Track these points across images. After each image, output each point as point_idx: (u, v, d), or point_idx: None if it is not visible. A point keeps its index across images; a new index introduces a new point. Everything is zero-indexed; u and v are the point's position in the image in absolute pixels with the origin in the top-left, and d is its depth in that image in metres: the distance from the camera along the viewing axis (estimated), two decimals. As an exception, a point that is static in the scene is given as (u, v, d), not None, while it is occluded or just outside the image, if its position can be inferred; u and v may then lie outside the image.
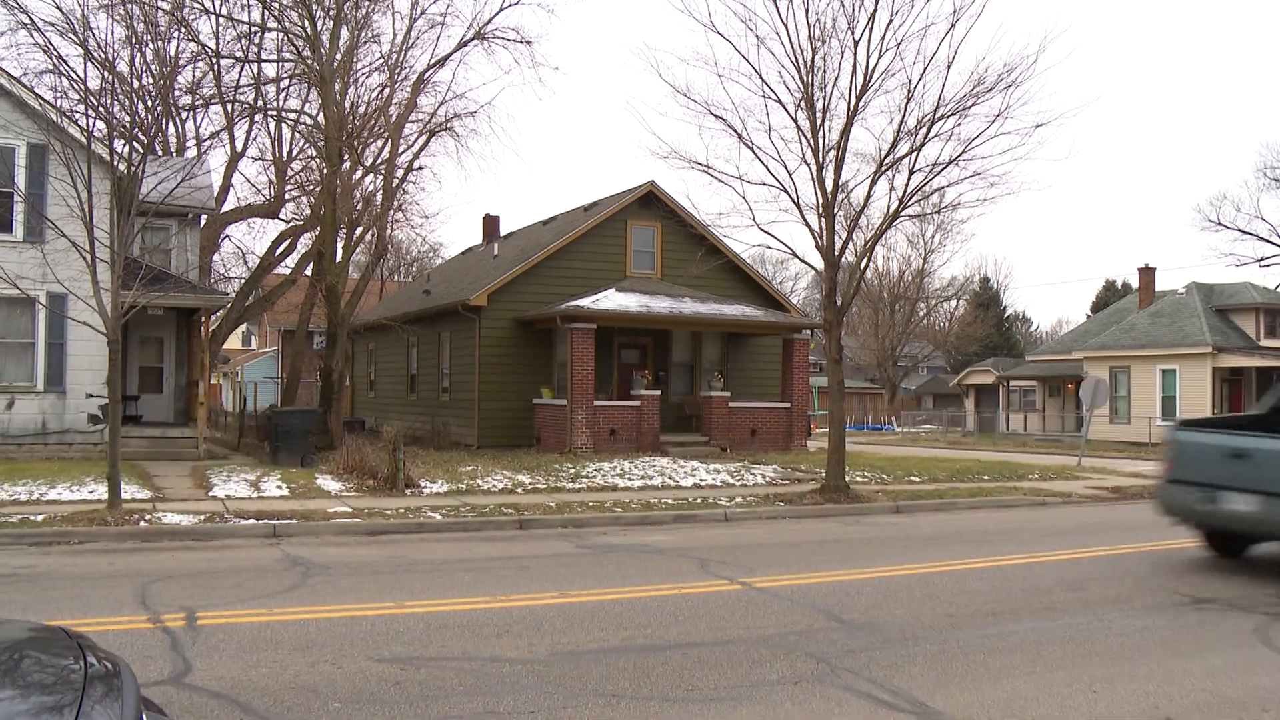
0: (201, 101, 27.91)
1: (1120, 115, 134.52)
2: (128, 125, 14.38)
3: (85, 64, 13.52)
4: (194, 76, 27.49)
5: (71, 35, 15.01)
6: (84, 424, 19.73)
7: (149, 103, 20.48)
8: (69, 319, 17.27)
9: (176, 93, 25.47)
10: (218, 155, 78.61)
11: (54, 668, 2.60)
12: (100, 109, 13.62)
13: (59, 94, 16.97)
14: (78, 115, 15.33)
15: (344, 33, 24.26)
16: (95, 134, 13.52)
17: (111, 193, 13.49)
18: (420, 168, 26.52)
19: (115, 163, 13.84)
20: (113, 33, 23.43)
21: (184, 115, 28.95)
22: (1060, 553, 11.34)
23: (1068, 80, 79.03)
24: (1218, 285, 41.21)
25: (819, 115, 16.49)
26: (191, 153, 28.75)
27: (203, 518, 12.31)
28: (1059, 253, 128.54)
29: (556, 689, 5.79)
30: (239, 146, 28.50)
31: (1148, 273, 42.20)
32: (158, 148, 26.59)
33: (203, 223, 24.89)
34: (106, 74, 13.66)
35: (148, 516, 12.12)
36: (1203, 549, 11.31)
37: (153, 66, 22.76)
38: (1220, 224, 39.65)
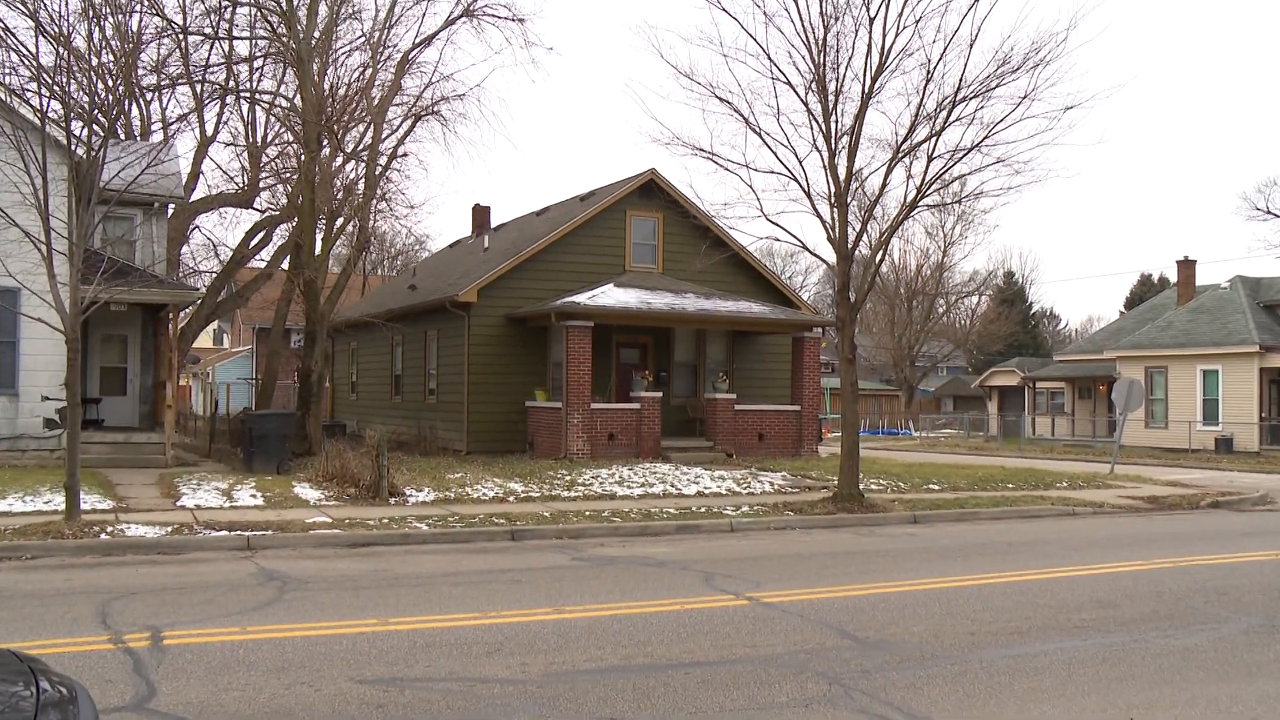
0: (168, 81, 27.87)
1: (1158, 96, 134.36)
2: (86, 106, 14.27)
3: (37, 38, 13.46)
4: (159, 54, 27.45)
5: (20, 6, 14.91)
6: (39, 429, 19.68)
7: (109, 82, 20.34)
8: (22, 315, 17.20)
9: (140, 71, 25.40)
10: (186, 140, 78.46)
11: (1, 695, 2.56)
12: (55, 88, 13.54)
13: (7, 70, 16.87)
14: (30, 94, 15.27)
15: (322, 8, 24.24)
16: (50, 115, 13.46)
17: (69, 179, 13.42)
18: (405, 154, 26.53)
19: (73, 146, 13.77)
20: (67, 4, 23.41)
21: (148, 96, 28.90)
22: (1091, 567, 11.33)
23: (1101, 59, 79.02)
24: (1265, 279, 40.97)
25: (831, 98, 16.47)
26: (157, 137, 28.70)
27: (170, 529, 12.29)
28: (1090, 245, 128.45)
29: (551, 711, 5.77)
30: (209, 130, 28.52)
31: (1187, 266, 42.10)
32: (120, 131, 26.50)
33: (170, 212, 24.86)
34: (61, 49, 13.58)
35: (109, 528, 12.09)
36: (1249, 563, 11.30)
37: (113, 42, 22.64)
38: (1269, 212, 39.55)
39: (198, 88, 27.58)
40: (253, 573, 10.21)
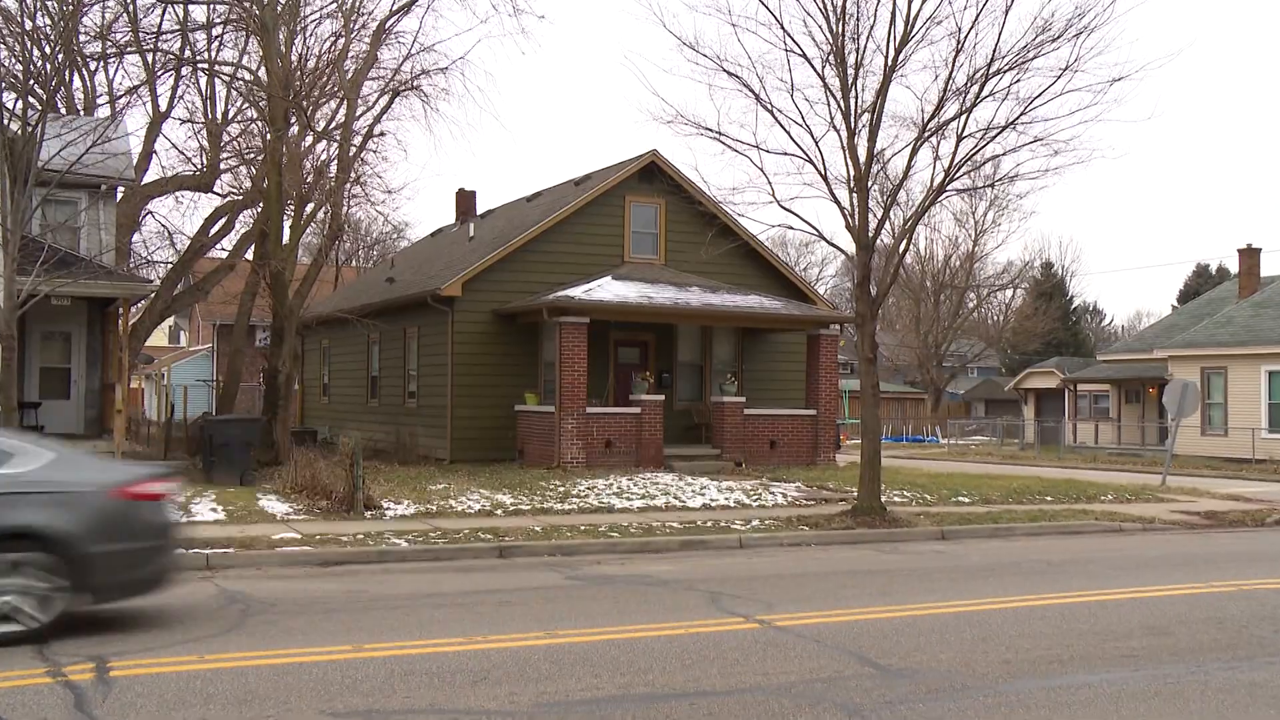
0: (114, 49, 27.69)
1: (1217, 65, 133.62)
2: (20, 75, 14.22)
3: (-42, -1, 13.42)
4: (104, 18, 27.31)
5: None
6: (-31, 437, 19.58)
7: (47, 48, 20.22)
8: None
9: (82, 37, 25.12)
10: (137, 116, 78.53)
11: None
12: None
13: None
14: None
15: (289, -30, 24.23)
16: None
17: (2, 157, 13.39)
18: (382, 134, 26.45)
19: (6, 121, 13.75)
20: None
21: (93, 66, 28.76)
22: (1141, 589, 11.31)
23: (1153, 24, 78.49)
24: (1342, 268, 40.85)
25: (851, 71, 16.45)
26: (104, 111, 28.61)
27: (122, 546, 12.25)
28: (1139, 233, 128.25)
29: (541, 748, 5.76)
30: (163, 105, 28.44)
31: (1250, 255, 41.98)
32: (61, 104, 26.39)
33: (119, 196, 24.83)
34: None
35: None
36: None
37: (50, 4, 22.46)
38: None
39: (149, 57, 27.43)
40: (212, 594, 10.20)
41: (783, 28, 16.61)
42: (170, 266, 28.32)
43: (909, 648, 8.24)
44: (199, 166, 28.33)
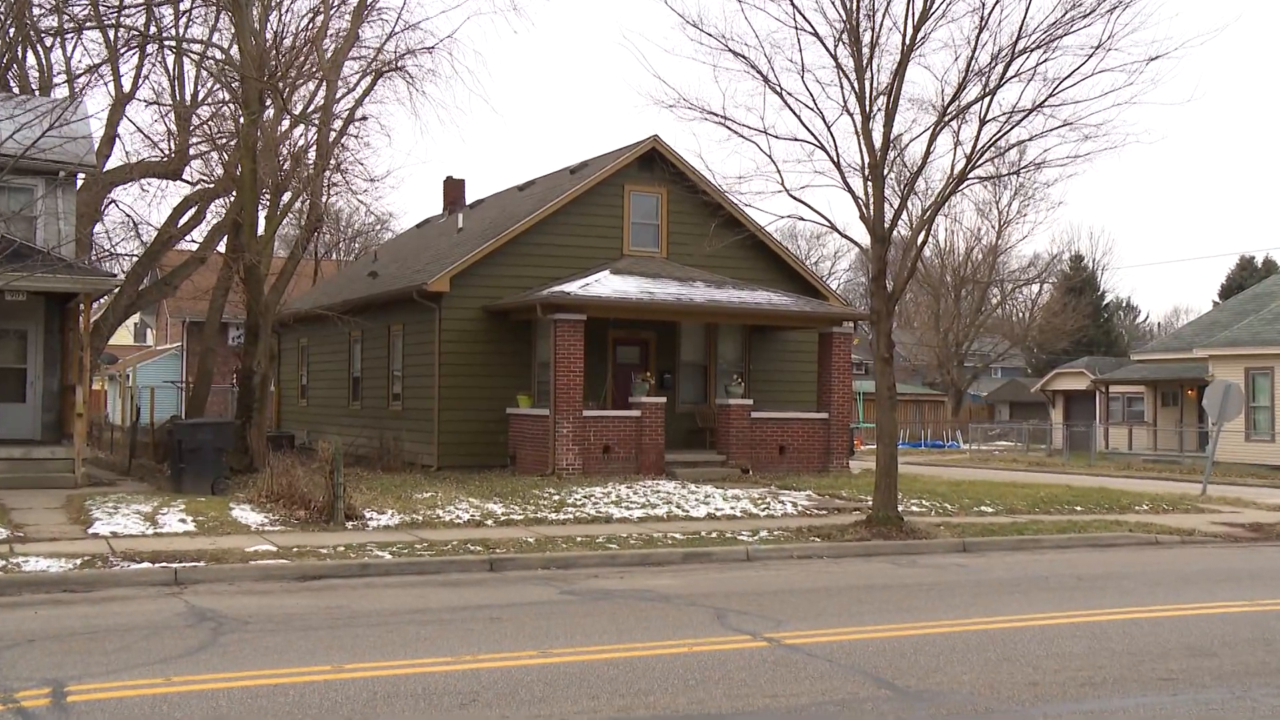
0: (72, 25, 27.56)
1: (1264, 42, 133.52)
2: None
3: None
4: (59, -11, 27.25)
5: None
6: (-88, 444, 19.51)
7: (-5, 23, 20.07)
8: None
9: (36, 11, 25.08)
10: (98, 97, 78.46)
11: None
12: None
13: None
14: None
15: (264, -57, 24.21)
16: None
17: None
18: (364, 118, 26.41)
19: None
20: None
21: (49, 42, 28.69)
22: (1180, 607, 11.32)
23: None
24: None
25: (865, 51, 16.45)
26: (62, 92, 28.56)
27: (79, 562, 12.27)
28: (1177, 223, 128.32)
29: (534, 776, 5.76)
30: (126, 86, 28.32)
31: (1297, 246, 41.91)
32: (14, 83, 26.35)
33: (80, 183, 24.76)
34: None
35: (2, 563, 12.07)
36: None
37: (-3, -27, 22.39)
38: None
39: (110, 33, 27.27)
40: (181, 612, 10.21)
41: (792, 3, 16.61)
42: (136, 260, 28.27)
43: (928, 668, 8.24)
44: (166, 152, 28.26)
